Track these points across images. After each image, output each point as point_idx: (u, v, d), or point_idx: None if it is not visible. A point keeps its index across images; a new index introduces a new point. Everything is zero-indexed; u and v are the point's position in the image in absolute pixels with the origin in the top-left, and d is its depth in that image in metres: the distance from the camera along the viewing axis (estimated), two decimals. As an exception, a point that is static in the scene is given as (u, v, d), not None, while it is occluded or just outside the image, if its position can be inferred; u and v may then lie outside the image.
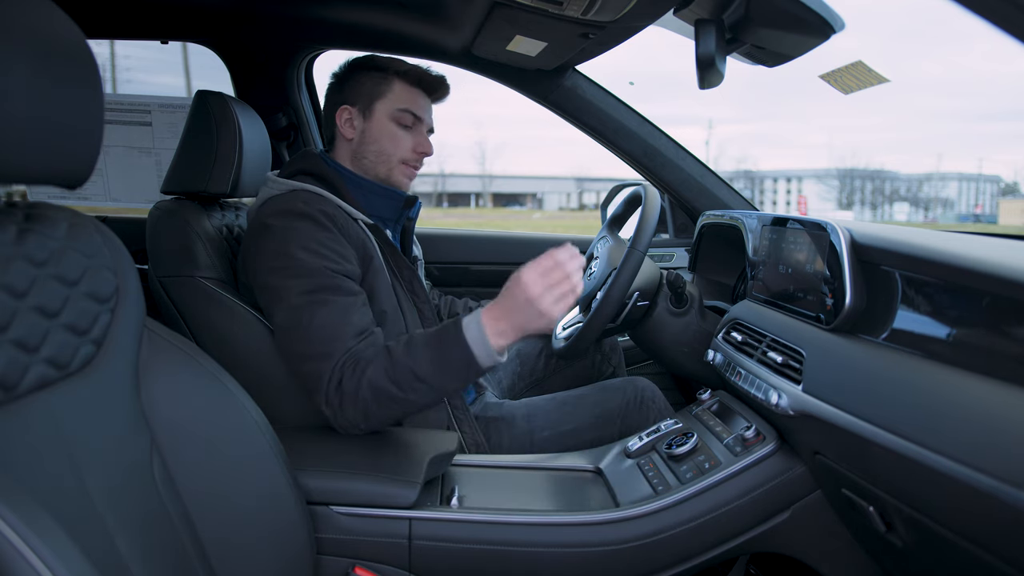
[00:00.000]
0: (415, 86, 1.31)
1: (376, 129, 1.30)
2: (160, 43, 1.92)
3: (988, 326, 0.73)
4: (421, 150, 1.32)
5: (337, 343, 1.07)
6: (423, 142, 1.33)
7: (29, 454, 0.61)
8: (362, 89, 1.30)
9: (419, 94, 1.32)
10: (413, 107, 1.30)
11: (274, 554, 0.86)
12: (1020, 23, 0.50)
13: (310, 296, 1.09)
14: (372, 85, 1.30)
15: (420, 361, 1.03)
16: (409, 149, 1.31)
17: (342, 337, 1.07)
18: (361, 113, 1.30)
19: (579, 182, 58.17)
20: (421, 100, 1.32)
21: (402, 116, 1.29)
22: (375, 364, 1.05)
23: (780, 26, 1.17)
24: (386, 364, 1.04)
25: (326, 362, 1.06)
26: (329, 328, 1.08)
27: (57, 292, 0.68)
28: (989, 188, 62.89)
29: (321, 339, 1.07)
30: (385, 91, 1.29)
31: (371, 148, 1.30)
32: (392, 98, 1.29)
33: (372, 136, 1.30)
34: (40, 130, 0.62)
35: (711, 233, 1.74)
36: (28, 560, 0.48)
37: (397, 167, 1.31)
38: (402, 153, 1.31)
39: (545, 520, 0.99)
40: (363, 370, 1.04)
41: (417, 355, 1.03)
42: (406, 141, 1.31)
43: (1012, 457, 0.61)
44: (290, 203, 1.16)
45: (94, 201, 2.03)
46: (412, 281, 1.28)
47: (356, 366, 1.05)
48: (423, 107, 1.32)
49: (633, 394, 1.40)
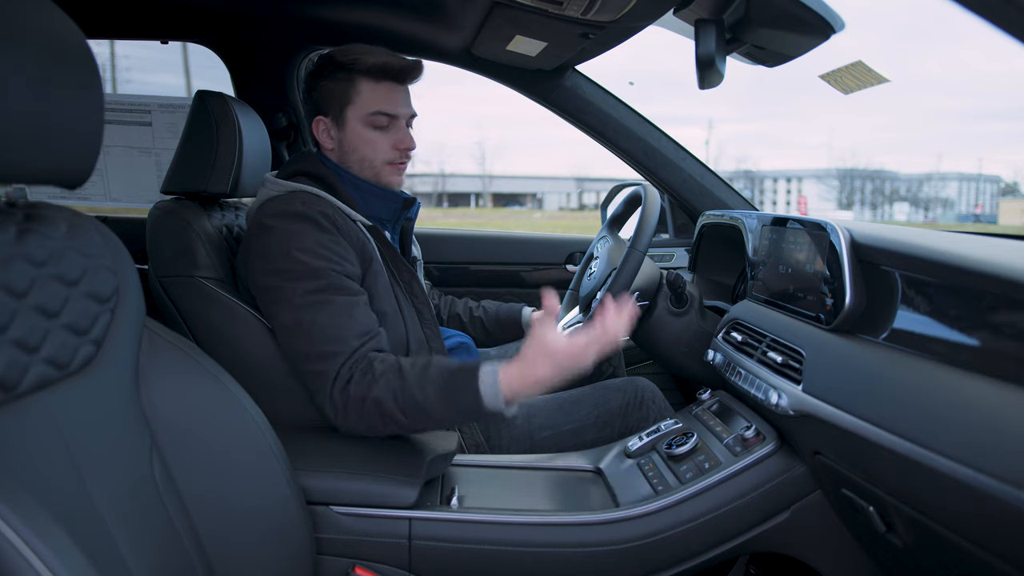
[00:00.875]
0: (382, 80, 1.24)
1: (352, 137, 1.26)
2: (160, 43, 1.92)
3: (988, 326, 0.73)
4: (403, 146, 1.27)
5: (341, 343, 1.07)
6: (403, 138, 1.27)
7: (29, 454, 0.61)
8: (330, 96, 1.25)
9: (389, 87, 1.25)
10: (385, 106, 1.24)
11: (274, 554, 0.86)
12: (1020, 23, 0.50)
13: (313, 296, 1.09)
14: (339, 91, 1.24)
15: (429, 396, 1.02)
16: (389, 148, 1.27)
17: (346, 337, 1.07)
18: (335, 123, 1.26)
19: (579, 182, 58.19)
20: (393, 94, 1.25)
21: (375, 119, 1.24)
22: (384, 382, 1.04)
23: (780, 26, 1.17)
24: (396, 387, 1.03)
25: (331, 362, 1.06)
26: (333, 328, 1.07)
27: (57, 292, 0.68)
28: (989, 188, 62.89)
29: (325, 339, 1.07)
30: (352, 96, 1.24)
31: (352, 157, 1.27)
32: (361, 102, 1.24)
33: (350, 145, 1.26)
34: (40, 130, 0.62)
35: (711, 233, 1.74)
36: (28, 560, 0.48)
37: (383, 169, 1.28)
38: (383, 155, 1.27)
39: (545, 520, 0.99)
40: (372, 383, 1.04)
41: (428, 390, 1.02)
42: (384, 142, 1.26)
43: (1012, 457, 0.61)
44: (289, 204, 1.15)
45: (94, 201, 2.03)
46: (411, 282, 1.27)
47: (366, 375, 1.05)
48: (396, 101, 1.26)
49: (633, 394, 1.40)
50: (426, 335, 1.27)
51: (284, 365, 1.16)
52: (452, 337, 1.45)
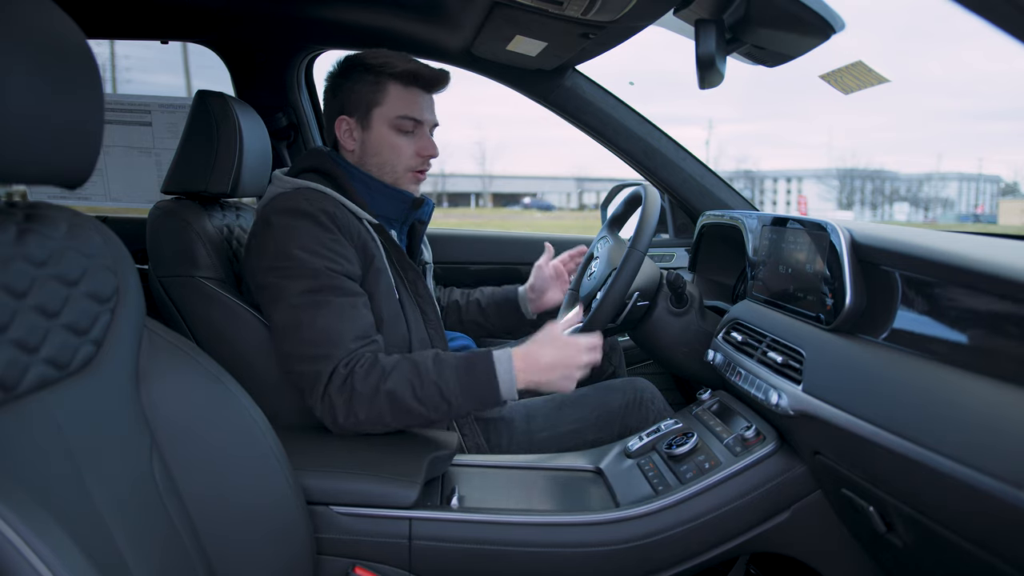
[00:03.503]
0: (411, 86, 1.25)
1: (376, 140, 1.25)
2: (160, 43, 1.92)
3: (988, 326, 0.73)
4: (426, 153, 1.27)
5: (336, 347, 1.07)
6: (427, 145, 1.28)
7: (29, 454, 0.61)
8: (357, 98, 1.25)
9: (417, 93, 1.26)
10: (412, 111, 1.25)
11: (274, 554, 0.86)
12: (1020, 23, 0.50)
13: (310, 296, 1.09)
14: (366, 93, 1.24)
15: (449, 382, 1.06)
16: (413, 155, 1.27)
17: (342, 340, 1.07)
18: (359, 124, 1.26)
19: (579, 182, 58.14)
20: (420, 100, 1.26)
21: (402, 123, 1.24)
22: (397, 375, 1.05)
23: (780, 26, 1.17)
24: (411, 378, 1.05)
25: (324, 364, 1.06)
26: (328, 331, 1.07)
27: (57, 292, 0.68)
28: (989, 188, 62.86)
29: (319, 341, 1.07)
30: (381, 98, 1.24)
31: (373, 160, 1.27)
32: (389, 105, 1.24)
33: (373, 147, 1.26)
34: (40, 130, 0.62)
35: (711, 233, 1.74)
36: (28, 560, 0.48)
37: (403, 175, 1.28)
38: (406, 161, 1.27)
39: (545, 520, 0.99)
40: (384, 376, 1.05)
41: (447, 376, 1.07)
42: (408, 148, 1.26)
43: (1012, 457, 0.61)
44: (293, 201, 1.15)
45: (94, 201, 2.03)
46: (416, 282, 1.27)
47: (373, 369, 1.06)
48: (422, 107, 1.26)
49: (633, 394, 1.40)
50: (430, 335, 1.27)
51: (278, 363, 1.16)
52: (455, 339, 1.45)
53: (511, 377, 1.08)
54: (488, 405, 1.10)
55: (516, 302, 1.61)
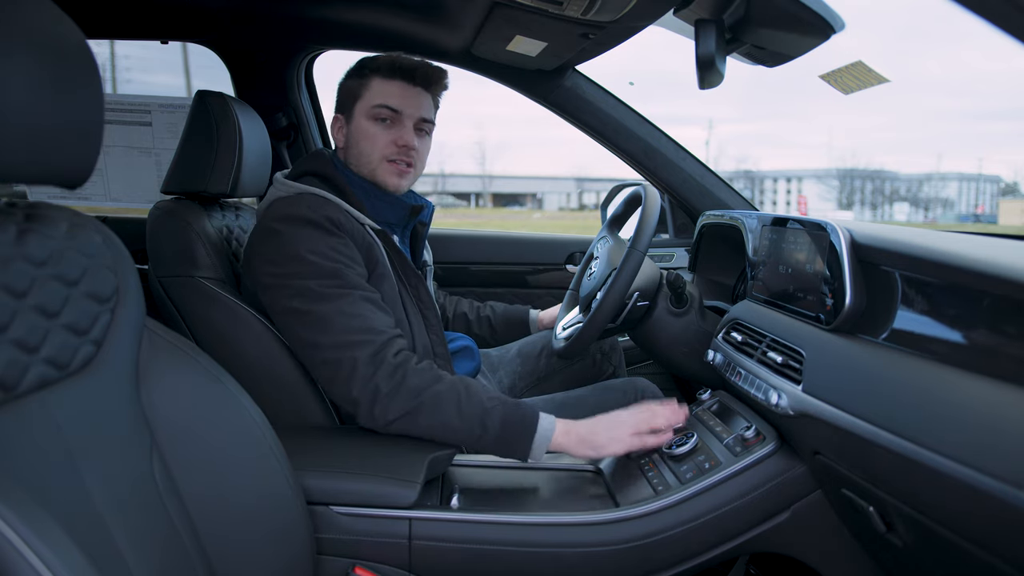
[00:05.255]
0: (393, 78, 1.25)
1: (356, 131, 1.26)
2: (160, 43, 1.92)
3: (988, 326, 0.73)
4: (401, 143, 1.25)
5: (373, 333, 1.07)
6: (403, 135, 1.25)
7: (29, 454, 0.61)
8: (345, 94, 1.28)
9: (399, 85, 1.25)
10: (388, 100, 1.24)
11: (274, 554, 0.86)
12: (1020, 23, 0.50)
13: (332, 289, 1.09)
14: (353, 88, 1.27)
15: (493, 414, 1.06)
16: (388, 143, 1.25)
17: (374, 326, 1.08)
18: (346, 119, 1.28)
19: (579, 182, 58.16)
20: (401, 91, 1.25)
21: (378, 112, 1.24)
22: (448, 382, 1.07)
23: (780, 26, 1.17)
24: (460, 390, 1.06)
25: (360, 349, 1.05)
26: (358, 317, 1.08)
27: (57, 292, 0.68)
28: (989, 188, 62.84)
29: (352, 328, 1.07)
30: (363, 92, 1.26)
31: (353, 152, 1.28)
32: (368, 96, 1.25)
33: (353, 139, 1.27)
34: (40, 130, 0.62)
35: (711, 233, 1.74)
36: (28, 560, 0.48)
37: (380, 166, 1.26)
38: (381, 150, 1.25)
39: (545, 520, 0.99)
40: (436, 379, 1.06)
41: (494, 407, 1.07)
42: (383, 137, 1.25)
43: (1012, 457, 0.61)
44: (295, 208, 1.15)
45: (94, 201, 2.03)
46: (418, 288, 1.27)
47: (428, 370, 1.07)
48: (404, 97, 1.25)
49: (633, 394, 1.40)
50: (431, 340, 1.27)
51: (284, 365, 1.16)
52: (455, 340, 1.45)
53: (545, 440, 1.07)
54: (507, 451, 1.08)
55: (527, 324, 1.65)
